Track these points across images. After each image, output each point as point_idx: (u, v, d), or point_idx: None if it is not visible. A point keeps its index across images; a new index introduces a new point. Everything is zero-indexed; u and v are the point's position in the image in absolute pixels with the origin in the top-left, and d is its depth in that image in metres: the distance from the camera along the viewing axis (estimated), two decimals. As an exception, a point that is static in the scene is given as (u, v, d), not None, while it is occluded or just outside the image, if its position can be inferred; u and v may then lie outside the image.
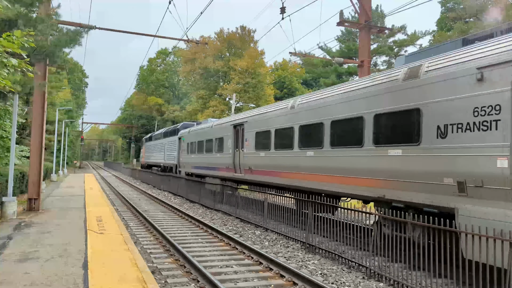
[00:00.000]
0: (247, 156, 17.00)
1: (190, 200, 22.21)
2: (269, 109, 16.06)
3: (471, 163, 7.18)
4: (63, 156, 53.26)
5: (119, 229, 11.55)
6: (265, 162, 15.43)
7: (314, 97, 12.64)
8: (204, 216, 16.77)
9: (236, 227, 14.07)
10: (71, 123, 62.76)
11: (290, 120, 13.72)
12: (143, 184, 36.49)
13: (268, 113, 15.82)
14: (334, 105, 11.25)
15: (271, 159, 14.92)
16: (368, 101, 9.88)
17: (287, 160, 13.70)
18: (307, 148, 12.48)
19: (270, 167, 14.97)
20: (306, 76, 73.87)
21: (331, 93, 11.63)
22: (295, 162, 13.16)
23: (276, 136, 14.66)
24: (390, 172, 9.03)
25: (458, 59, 7.80)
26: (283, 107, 14.62)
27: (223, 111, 53.56)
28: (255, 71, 51.96)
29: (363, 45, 19.67)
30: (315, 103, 12.32)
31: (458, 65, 7.71)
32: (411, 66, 9.10)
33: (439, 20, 52.33)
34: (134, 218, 16.19)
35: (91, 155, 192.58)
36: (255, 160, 16.25)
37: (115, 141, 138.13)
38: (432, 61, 8.48)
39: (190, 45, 59.52)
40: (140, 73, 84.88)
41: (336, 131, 11.16)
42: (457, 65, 7.74)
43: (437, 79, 8.08)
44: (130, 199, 22.46)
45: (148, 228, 13.66)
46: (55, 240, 9.83)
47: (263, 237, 12.21)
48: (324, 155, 11.61)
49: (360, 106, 10.15)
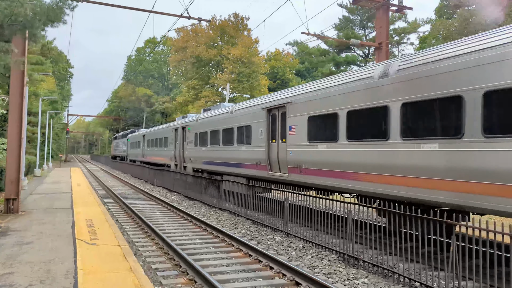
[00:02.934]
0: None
1: (189, 197, 20.22)
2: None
3: None
4: (47, 149, 50.69)
5: (115, 237, 9.56)
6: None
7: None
8: (208, 217, 14.83)
9: (249, 231, 12.17)
10: (56, 114, 59.94)
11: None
12: (134, 179, 34.32)
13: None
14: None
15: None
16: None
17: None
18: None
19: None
20: (300, 67, 72.00)
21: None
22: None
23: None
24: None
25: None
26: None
27: (216, 102, 51.40)
28: (249, 60, 49.88)
29: (380, 25, 17.84)
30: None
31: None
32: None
33: (437, 9, 50.86)
34: (130, 220, 14.17)
35: (77, 148, 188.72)
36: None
37: (102, 133, 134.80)
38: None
39: (180, 33, 57.22)
40: (128, 63, 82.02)
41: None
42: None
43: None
44: (122, 196, 20.38)
45: (148, 234, 11.67)
46: (36, 256, 7.81)
47: (286, 244, 10.32)
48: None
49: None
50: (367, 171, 9.48)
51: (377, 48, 17.83)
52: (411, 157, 8.30)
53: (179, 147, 25.31)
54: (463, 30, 36.12)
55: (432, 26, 47.99)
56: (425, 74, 8.13)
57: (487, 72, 7.00)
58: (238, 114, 16.84)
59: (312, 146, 11.61)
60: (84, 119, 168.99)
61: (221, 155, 18.21)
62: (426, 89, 8.06)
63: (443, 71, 7.79)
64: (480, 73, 7.12)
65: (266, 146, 14.35)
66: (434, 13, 53.38)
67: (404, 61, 8.90)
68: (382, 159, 9.00)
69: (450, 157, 7.48)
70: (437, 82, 7.86)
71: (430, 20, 49.69)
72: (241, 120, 16.44)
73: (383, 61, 10.33)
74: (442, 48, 8.29)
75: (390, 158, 8.79)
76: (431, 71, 8.02)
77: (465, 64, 7.42)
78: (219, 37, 54.90)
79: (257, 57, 51.76)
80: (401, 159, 8.53)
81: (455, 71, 7.57)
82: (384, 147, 9.01)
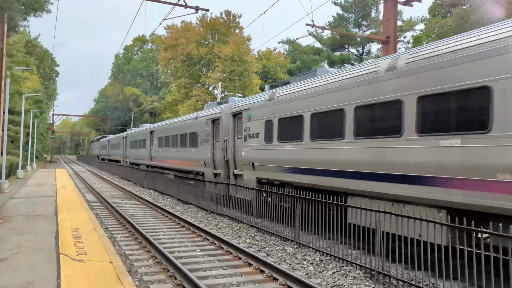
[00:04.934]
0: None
1: (183, 201, 18.95)
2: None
3: None
4: (31, 149, 48.83)
5: (105, 250, 8.28)
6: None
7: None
8: (207, 223, 13.60)
9: (255, 240, 10.97)
10: (40, 114, 58.00)
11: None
12: (122, 181, 32.84)
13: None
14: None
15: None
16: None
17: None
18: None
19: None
20: (291, 66, 70.94)
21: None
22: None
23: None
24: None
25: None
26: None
27: (207, 101, 50.05)
28: (241, 58, 48.63)
29: (388, 18, 16.79)
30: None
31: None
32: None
33: (431, 8, 50.36)
34: (121, 227, 12.86)
35: (63, 148, 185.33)
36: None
37: (89, 134, 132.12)
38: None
39: (170, 30, 55.72)
40: (116, 62, 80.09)
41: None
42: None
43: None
44: (111, 200, 19.01)
45: (142, 244, 10.39)
46: (11, 277, 6.51)
47: (300, 257, 9.14)
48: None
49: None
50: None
51: (384, 42, 16.78)
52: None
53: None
54: (458, 29, 35.48)
55: (425, 25, 47.47)
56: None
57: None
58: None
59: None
60: (70, 119, 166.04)
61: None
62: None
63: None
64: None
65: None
66: (428, 12, 52.75)
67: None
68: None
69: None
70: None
71: (424, 19, 49.13)
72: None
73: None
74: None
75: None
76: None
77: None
78: (210, 35, 53.57)
79: (249, 55, 50.54)
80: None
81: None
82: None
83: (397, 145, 8.36)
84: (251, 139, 14.66)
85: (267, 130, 13.58)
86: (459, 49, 7.34)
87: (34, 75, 60.57)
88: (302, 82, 12.38)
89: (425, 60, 7.92)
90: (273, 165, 13.13)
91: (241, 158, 15.26)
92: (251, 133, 14.72)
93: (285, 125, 12.58)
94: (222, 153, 16.91)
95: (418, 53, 8.24)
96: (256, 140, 14.26)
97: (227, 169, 16.69)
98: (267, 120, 13.61)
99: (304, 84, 12.02)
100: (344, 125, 9.88)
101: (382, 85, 8.86)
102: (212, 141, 18.20)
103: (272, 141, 13.24)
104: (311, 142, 11.18)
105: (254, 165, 14.32)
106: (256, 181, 13.94)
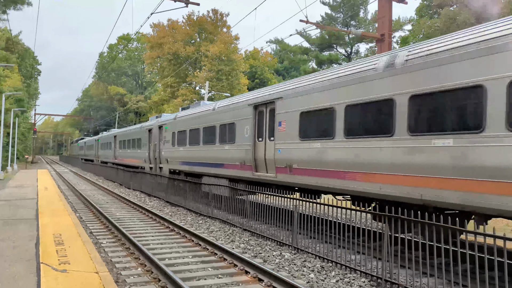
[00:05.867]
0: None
1: (171, 203, 18.30)
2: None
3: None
4: (12, 150, 47.44)
5: (90, 259, 7.65)
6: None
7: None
8: (197, 227, 13.01)
9: (249, 245, 10.43)
10: (21, 113, 56.44)
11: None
12: (107, 182, 31.94)
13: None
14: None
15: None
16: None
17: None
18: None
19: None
20: (278, 66, 70.57)
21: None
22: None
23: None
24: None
25: None
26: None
27: (193, 100, 49.27)
28: (229, 57, 48.00)
29: (383, 15, 16.42)
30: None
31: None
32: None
33: (418, 9, 50.56)
34: (106, 231, 12.18)
35: (45, 149, 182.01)
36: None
37: (72, 134, 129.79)
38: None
39: (156, 29, 54.80)
40: (100, 61, 78.58)
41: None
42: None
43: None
44: (95, 202, 18.25)
45: (130, 251, 9.75)
46: (-15, 291, 5.86)
47: (299, 263, 8.63)
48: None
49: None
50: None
51: (378, 40, 16.41)
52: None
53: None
54: (446, 30, 35.54)
55: (413, 26, 47.55)
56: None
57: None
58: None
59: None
60: (53, 119, 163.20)
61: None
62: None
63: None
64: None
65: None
66: (415, 13, 52.94)
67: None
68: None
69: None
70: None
71: (412, 19, 49.22)
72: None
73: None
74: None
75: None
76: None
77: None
78: (197, 34, 52.85)
79: (237, 55, 49.94)
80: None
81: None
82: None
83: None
84: (166, 143, 21.75)
85: (173, 138, 20.62)
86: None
87: (15, 73, 58.96)
88: (189, 110, 19.91)
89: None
90: (176, 160, 20.25)
91: (161, 156, 22.56)
92: (166, 140, 21.80)
93: (181, 135, 19.47)
94: (153, 153, 24.12)
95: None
96: (168, 145, 21.39)
97: (155, 164, 23.75)
98: (173, 132, 20.65)
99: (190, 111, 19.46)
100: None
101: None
102: (148, 145, 25.42)
103: (175, 145, 20.32)
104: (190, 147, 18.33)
105: (167, 160, 21.47)
106: (169, 171, 21.09)
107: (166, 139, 21.75)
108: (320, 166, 9.97)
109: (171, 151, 20.85)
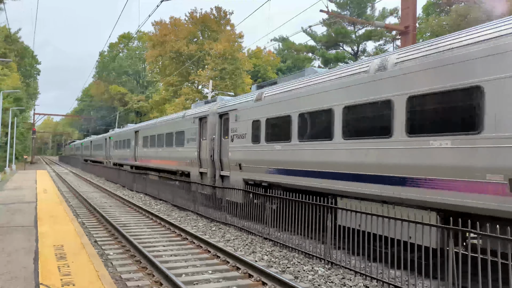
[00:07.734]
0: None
1: (179, 207, 17.18)
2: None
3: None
4: (11, 150, 46.29)
5: (98, 278, 6.53)
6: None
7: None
8: (211, 234, 11.89)
9: (274, 257, 9.31)
10: (20, 112, 55.29)
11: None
12: (108, 183, 30.80)
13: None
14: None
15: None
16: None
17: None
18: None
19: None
20: (281, 65, 69.47)
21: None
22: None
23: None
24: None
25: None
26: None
27: (196, 100, 48.16)
28: (233, 56, 46.86)
29: (407, 6, 15.33)
30: None
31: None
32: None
33: (425, 7, 49.66)
34: (112, 241, 11.04)
35: (44, 149, 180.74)
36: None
37: (71, 134, 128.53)
38: None
39: (158, 26, 53.70)
40: (100, 60, 77.43)
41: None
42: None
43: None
44: (98, 205, 17.11)
45: (142, 264, 8.61)
46: (-29, 325, 4.74)
47: (337, 281, 7.51)
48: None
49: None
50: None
51: (402, 32, 15.32)
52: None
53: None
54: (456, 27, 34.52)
55: (419, 24, 46.51)
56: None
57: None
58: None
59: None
60: (52, 119, 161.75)
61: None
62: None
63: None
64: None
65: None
66: (422, 11, 52.11)
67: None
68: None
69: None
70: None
71: (419, 17, 48.22)
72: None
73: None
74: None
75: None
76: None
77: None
78: (200, 32, 51.73)
79: (241, 53, 48.82)
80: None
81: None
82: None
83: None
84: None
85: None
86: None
87: (14, 72, 57.79)
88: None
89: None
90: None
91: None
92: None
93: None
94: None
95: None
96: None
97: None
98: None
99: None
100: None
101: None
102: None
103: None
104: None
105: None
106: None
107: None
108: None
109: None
